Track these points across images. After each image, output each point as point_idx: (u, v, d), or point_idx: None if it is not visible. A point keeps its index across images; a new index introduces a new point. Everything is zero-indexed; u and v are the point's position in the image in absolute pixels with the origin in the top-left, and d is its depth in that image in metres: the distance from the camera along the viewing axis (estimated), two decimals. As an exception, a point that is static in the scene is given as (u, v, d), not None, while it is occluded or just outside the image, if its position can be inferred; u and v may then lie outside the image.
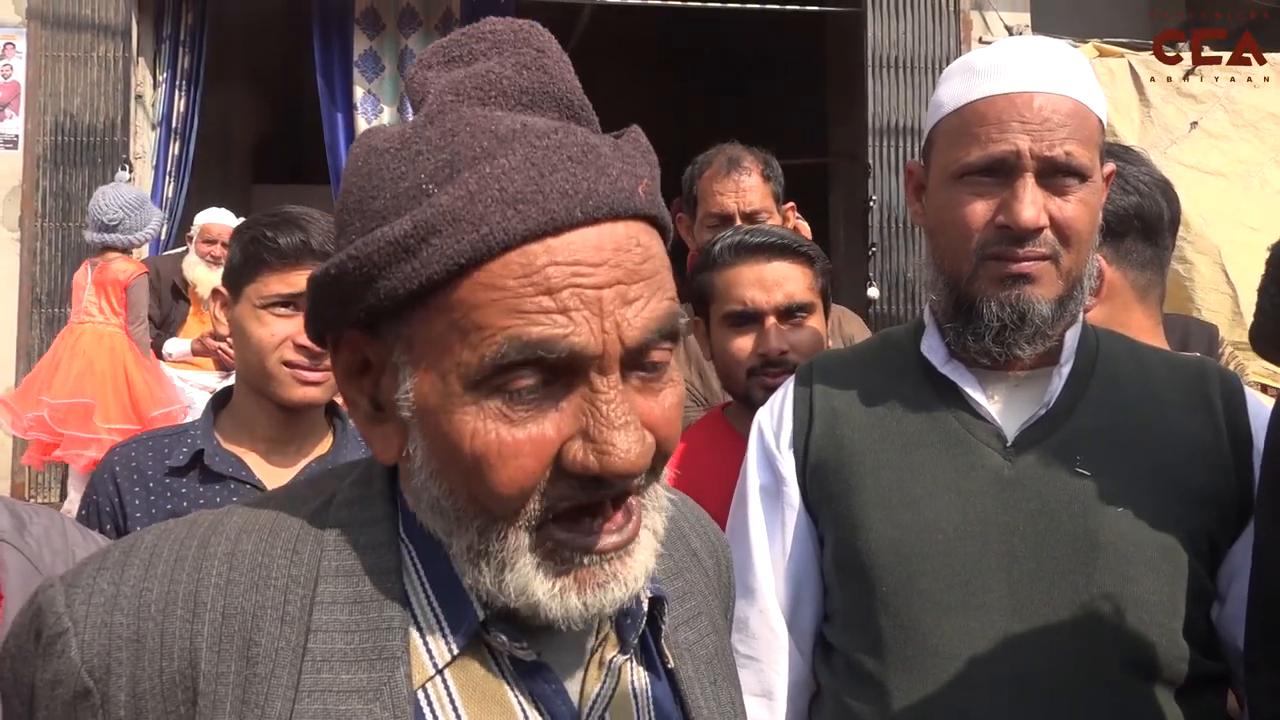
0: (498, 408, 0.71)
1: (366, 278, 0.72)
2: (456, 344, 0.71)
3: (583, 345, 0.70)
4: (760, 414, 1.53)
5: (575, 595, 0.74)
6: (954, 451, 1.36)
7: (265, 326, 1.72)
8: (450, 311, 0.71)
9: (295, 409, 1.75)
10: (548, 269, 0.70)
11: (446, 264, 0.70)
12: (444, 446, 0.73)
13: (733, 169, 2.60)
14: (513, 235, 0.69)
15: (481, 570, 0.74)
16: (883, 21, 6.75)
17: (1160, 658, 1.27)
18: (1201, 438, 1.35)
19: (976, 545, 1.31)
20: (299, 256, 1.70)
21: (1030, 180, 1.30)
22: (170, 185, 6.56)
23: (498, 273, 0.70)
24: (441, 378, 0.72)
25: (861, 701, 1.33)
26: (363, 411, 0.79)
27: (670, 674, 0.88)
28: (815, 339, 1.92)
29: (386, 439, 0.78)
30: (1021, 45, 1.37)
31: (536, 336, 0.69)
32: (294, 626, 0.74)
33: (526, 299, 0.69)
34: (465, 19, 6.69)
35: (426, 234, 0.70)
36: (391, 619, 0.76)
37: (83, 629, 0.74)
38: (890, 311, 6.49)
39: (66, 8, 6.25)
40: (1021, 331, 1.33)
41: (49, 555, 1.33)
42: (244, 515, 0.81)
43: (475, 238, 0.69)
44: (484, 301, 0.70)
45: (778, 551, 1.45)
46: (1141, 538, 1.29)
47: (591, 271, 0.71)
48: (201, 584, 0.75)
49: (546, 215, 0.70)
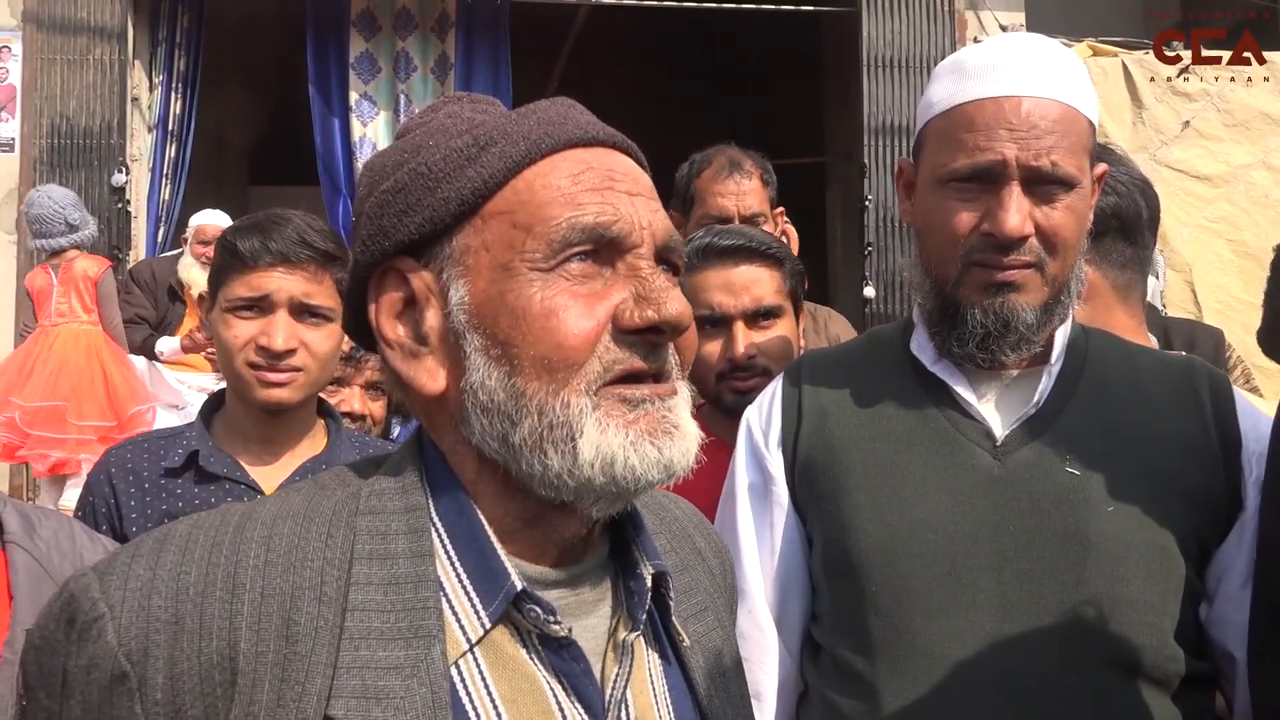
0: (561, 280, 0.80)
1: (429, 187, 0.83)
2: (519, 237, 0.80)
3: (629, 228, 0.82)
4: (749, 412, 1.53)
5: (650, 442, 0.79)
6: (944, 450, 1.36)
7: (231, 329, 1.74)
8: (510, 212, 0.81)
9: (272, 410, 1.75)
10: (587, 172, 0.82)
11: (506, 162, 0.82)
12: (508, 322, 0.79)
13: (734, 171, 2.59)
14: (557, 140, 0.83)
15: (549, 454, 0.78)
16: (878, 21, 6.76)
17: (1150, 658, 1.27)
18: (1191, 437, 1.35)
19: (966, 545, 1.31)
20: (256, 259, 1.72)
21: (1016, 189, 1.30)
22: (167, 188, 6.56)
23: (549, 173, 0.82)
24: (504, 268, 0.80)
25: (850, 701, 1.33)
26: (405, 349, 0.84)
27: (680, 659, 0.90)
28: (784, 342, 1.90)
29: (431, 370, 0.83)
30: (1012, 45, 1.36)
31: (593, 220, 0.80)
32: (331, 606, 0.76)
33: (579, 193, 0.81)
34: (460, 21, 6.69)
35: (485, 144, 0.83)
36: (426, 599, 0.78)
37: (119, 613, 0.75)
38: (885, 311, 6.51)
39: (62, 10, 6.25)
40: (1006, 339, 1.33)
41: (57, 557, 1.34)
42: (277, 504, 0.83)
43: (526, 144, 0.83)
44: (543, 198, 0.81)
45: (766, 551, 1.45)
46: (1132, 537, 1.29)
47: (622, 178, 0.84)
48: (240, 565, 0.77)
49: (580, 130, 0.84)
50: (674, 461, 0.80)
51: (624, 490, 0.79)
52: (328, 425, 1.87)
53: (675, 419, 0.81)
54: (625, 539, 0.89)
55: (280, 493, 0.87)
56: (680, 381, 0.84)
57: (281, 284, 1.72)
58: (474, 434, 0.82)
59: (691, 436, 0.82)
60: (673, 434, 0.80)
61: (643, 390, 0.80)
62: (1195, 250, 5.98)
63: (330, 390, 2.22)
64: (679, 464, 0.81)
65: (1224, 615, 1.32)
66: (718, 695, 0.91)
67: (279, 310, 1.72)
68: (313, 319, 1.75)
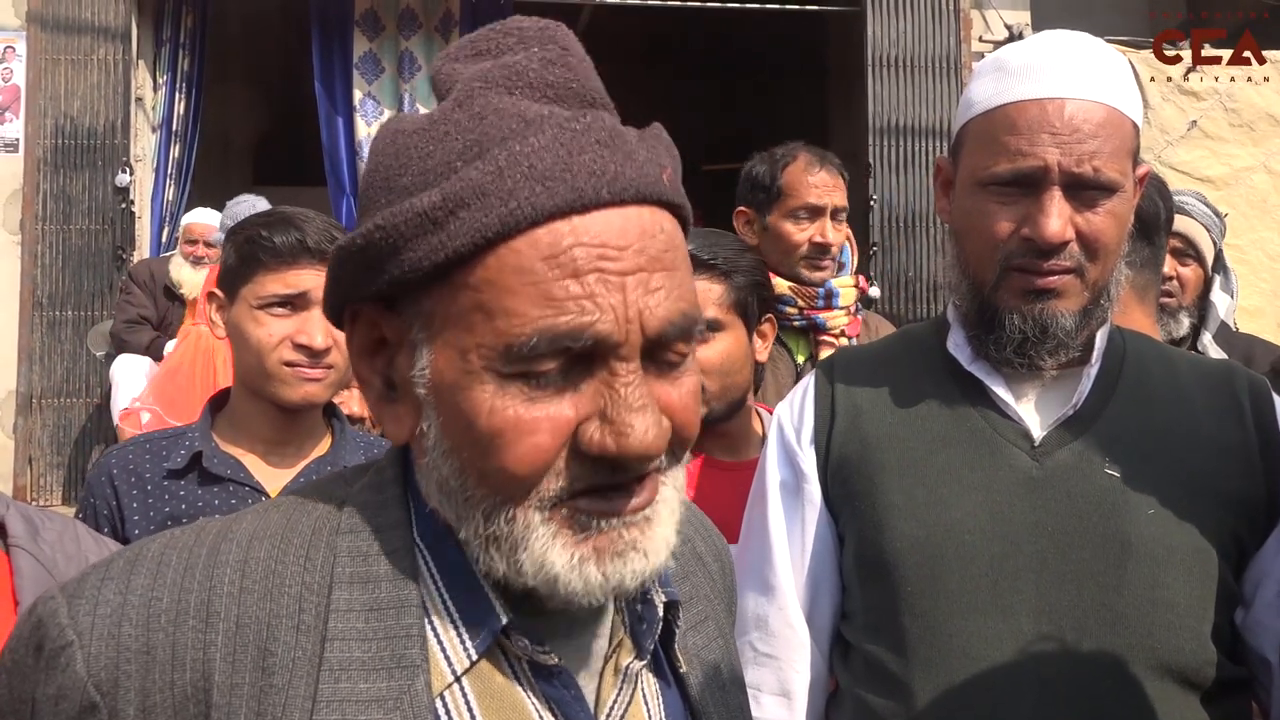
0: (518, 388, 0.70)
1: (392, 248, 0.72)
2: (480, 324, 0.70)
3: (607, 333, 0.70)
4: (780, 410, 1.51)
5: (595, 565, 0.72)
6: (981, 451, 1.34)
7: (263, 327, 1.71)
8: (476, 291, 0.70)
9: (294, 409, 1.74)
10: (574, 250, 0.70)
11: (474, 237, 0.70)
12: (459, 423, 0.72)
13: (824, 164, 2.67)
14: (540, 210, 0.70)
15: (494, 556, 0.73)
16: (883, 20, 6.74)
17: (1188, 661, 1.26)
18: (1230, 441, 1.34)
19: (1005, 546, 1.29)
20: (295, 255, 1.70)
21: (1057, 194, 1.28)
22: (171, 188, 6.55)
23: (525, 252, 0.70)
24: (461, 355, 0.71)
25: (884, 700, 1.32)
26: (376, 390, 0.78)
27: (680, 680, 0.86)
28: (724, 358, 1.86)
29: (399, 419, 0.77)
30: (1055, 44, 1.34)
31: (565, 327, 0.69)
32: (310, 635, 0.73)
33: (554, 284, 0.69)
34: (464, 20, 6.69)
35: (455, 207, 0.70)
36: (409, 626, 0.74)
37: (88, 641, 0.72)
38: (891, 311, 6.47)
39: (66, 11, 6.24)
40: (1044, 344, 1.32)
41: (63, 560, 1.33)
42: (254, 521, 0.79)
43: (503, 211, 0.69)
44: (513, 285, 0.69)
45: (797, 548, 1.44)
46: (1172, 540, 1.27)
47: (617, 255, 0.71)
48: (214, 592, 0.73)
49: (574, 192, 0.70)
50: (624, 582, 0.73)
51: (572, 600, 0.73)
52: (333, 426, 1.85)
53: (633, 537, 0.73)
54: None
55: (260, 508, 0.82)
56: (665, 480, 0.76)
57: (318, 281, 1.70)
58: (431, 494, 0.77)
59: (655, 551, 0.74)
60: (626, 555, 0.73)
61: (599, 506, 0.72)
62: (1197, 248, 5.94)
63: (331, 391, 2.21)
64: (630, 584, 0.73)
65: (1261, 620, 1.30)
66: (717, 713, 0.88)
67: (314, 307, 1.70)
68: None
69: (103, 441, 5.89)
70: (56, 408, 6.09)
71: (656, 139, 0.77)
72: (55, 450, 6.08)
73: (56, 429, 6.08)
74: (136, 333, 5.62)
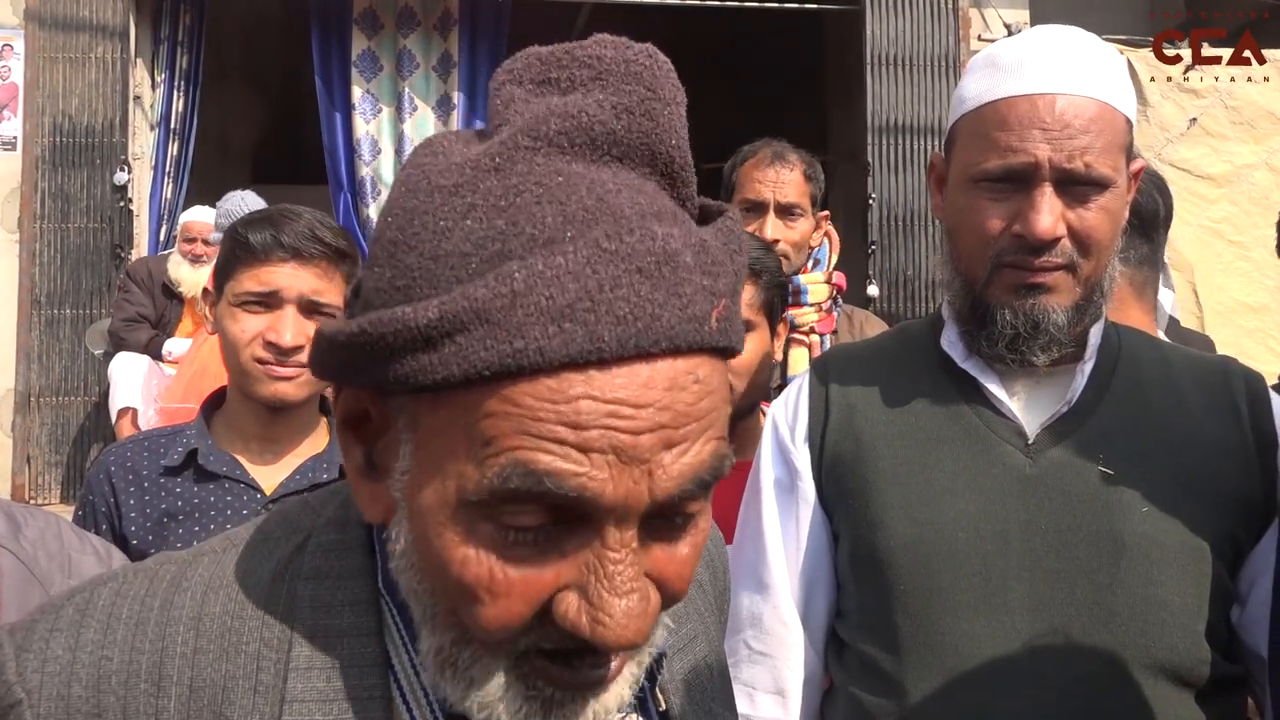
0: (493, 537, 0.62)
1: (377, 357, 0.62)
2: (462, 450, 0.61)
3: (597, 494, 0.60)
4: (774, 407, 1.51)
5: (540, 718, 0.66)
6: (975, 448, 1.34)
7: (238, 324, 1.72)
8: (464, 412, 0.61)
9: (276, 407, 1.74)
10: (580, 401, 0.59)
11: (466, 370, 0.60)
12: (431, 558, 0.64)
13: (776, 160, 2.65)
14: (549, 359, 0.59)
15: (445, 677, 0.67)
16: (881, 19, 6.73)
17: (1182, 660, 1.25)
18: (1226, 438, 1.33)
19: (998, 544, 1.29)
20: (269, 252, 1.70)
21: (1048, 190, 1.28)
22: (169, 186, 6.55)
23: (524, 390, 0.59)
24: (441, 480, 0.63)
25: (877, 699, 1.32)
26: (355, 464, 0.70)
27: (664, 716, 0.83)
28: (750, 358, 1.85)
29: (376, 499, 0.69)
30: (1047, 39, 1.33)
31: (544, 466, 0.59)
32: (267, 697, 0.69)
33: (547, 425, 0.59)
34: (463, 18, 6.68)
35: (453, 329, 0.60)
36: (373, 687, 0.70)
37: (37, 700, 0.69)
38: (890, 310, 6.47)
39: (64, 9, 6.24)
40: (1036, 339, 1.31)
41: (44, 559, 1.31)
42: (209, 567, 0.74)
43: (506, 350, 0.59)
44: (497, 411, 0.60)
45: (791, 547, 1.44)
46: (1167, 538, 1.27)
47: (633, 415, 0.60)
48: (166, 654, 0.70)
49: (594, 343, 0.59)
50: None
51: None
52: (330, 424, 1.85)
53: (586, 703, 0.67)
54: None
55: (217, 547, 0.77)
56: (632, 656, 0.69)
57: (292, 280, 1.71)
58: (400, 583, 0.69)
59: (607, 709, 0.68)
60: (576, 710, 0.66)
61: (561, 676, 0.66)
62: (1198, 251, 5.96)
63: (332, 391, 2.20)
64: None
65: (1256, 619, 1.30)
66: None
67: (288, 306, 1.71)
68: (321, 316, 1.73)
69: (101, 440, 5.89)
70: (55, 406, 6.09)
71: (724, 246, 0.66)
72: (54, 449, 6.08)
73: (55, 427, 6.08)
74: (135, 331, 5.62)
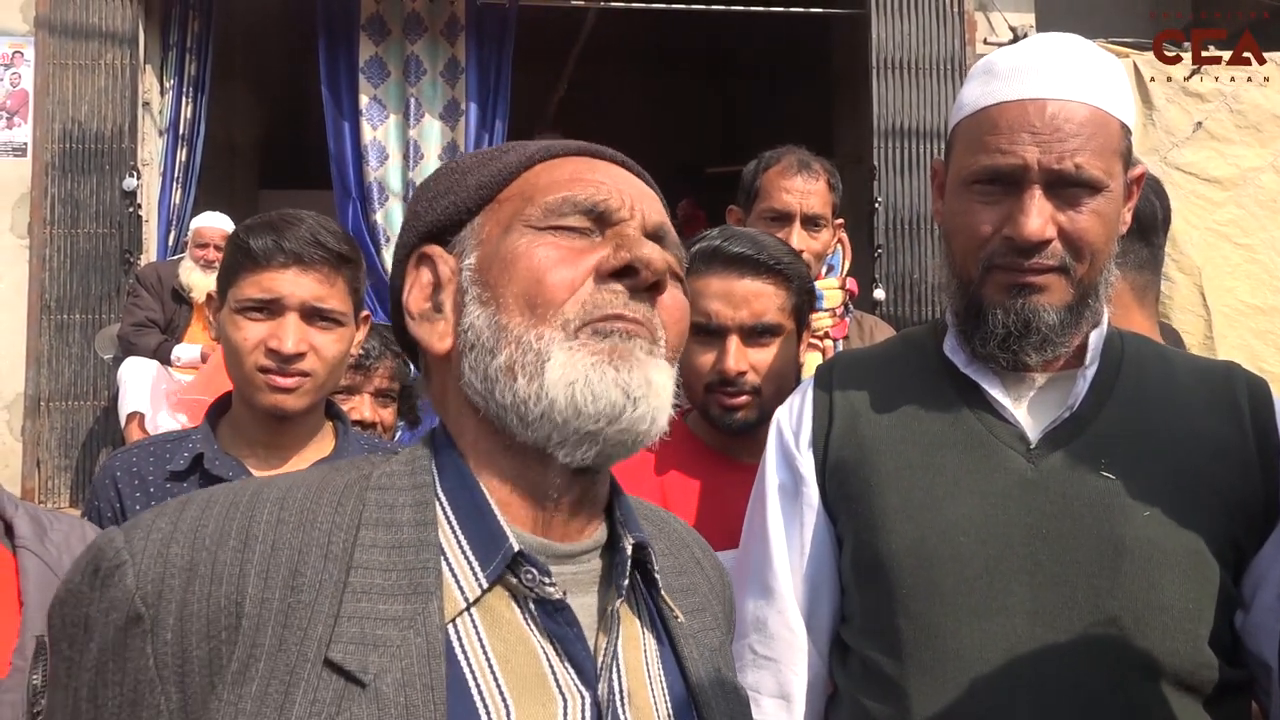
0: (551, 237, 0.89)
1: (459, 177, 0.96)
2: (522, 207, 0.91)
3: (619, 204, 0.91)
4: (779, 413, 1.52)
5: (609, 363, 0.85)
6: (977, 453, 1.34)
7: (240, 331, 1.71)
8: (519, 194, 0.93)
9: (278, 415, 1.73)
10: (593, 173, 0.93)
11: (521, 158, 0.94)
12: (499, 267, 0.89)
13: (803, 169, 2.63)
14: (569, 148, 0.96)
15: (518, 379, 0.85)
16: (887, 23, 6.73)
17: (1184, 664, 1.25)
18: (1228, 442, 1.33)
19: (999, 548, 1.29)
20: (270, 258, 1.69)
21: (1037, 193, 1.29)
22: (177, 192, 6.57)
23: (556, 165, 0.94)
24: (505, 229, 0.91)
25: (880, 704, 1.32)
26: (423, 315, 0.94)
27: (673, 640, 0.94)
28: (780, 362, 1.83)
29: (441, 332, 0.92)
30: (1044, 46, 1.35)
31: (586, 196, 0.91)
32: (336, 562, 0.81)
33: (579, 179, 0.92)
34: (470, 25, 6.70)
35: (508, 150, 0.96)
36: (426, 560, 0.83)
37: (139, 560, 0.80)
38: (896, 314, 6.47)
39: (74, 16, 6.27)
40: (1028, 339, 1.32)
41: (69, 561, 1.33)
42: (292, 477, 0.89)
43: (541, 147, 0.95)
44: (547, 180, 0.92)
45: (796, 552, 1.44)
46: (1168, 543, 1.27)
47: (623, 179, 0.94)
48: (254, 520, 0.82)
49: (593, 148, 0.97)
50: (631, 385, 0.85)
51: (584, 416, 0.84)
52: (336, 427, 1.85)
53: (642, 354, 0.87)
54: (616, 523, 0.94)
55: (295, 472, 0.92)
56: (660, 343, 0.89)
57: (294, 288, 1.69)
58: (463, 378, 0.89)
59: (659, 388, 0.87)
60: (632, 363, 0.86)
61: (615, 325, 0.87)
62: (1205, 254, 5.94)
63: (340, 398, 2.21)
64: (637, 389, 0.85)
65: (1260, 623, 1.30)
66: (709, 679, 0.94)
67: (290, 313, 1.70)
68: (323, 322, 1.72)
69: (110, 444, 5.91)
70: (64, 410, 6.11)
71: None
72: (63, 453, 6.10)
73: (64, 432, 6.10)
74: (144, 336, 5.64)
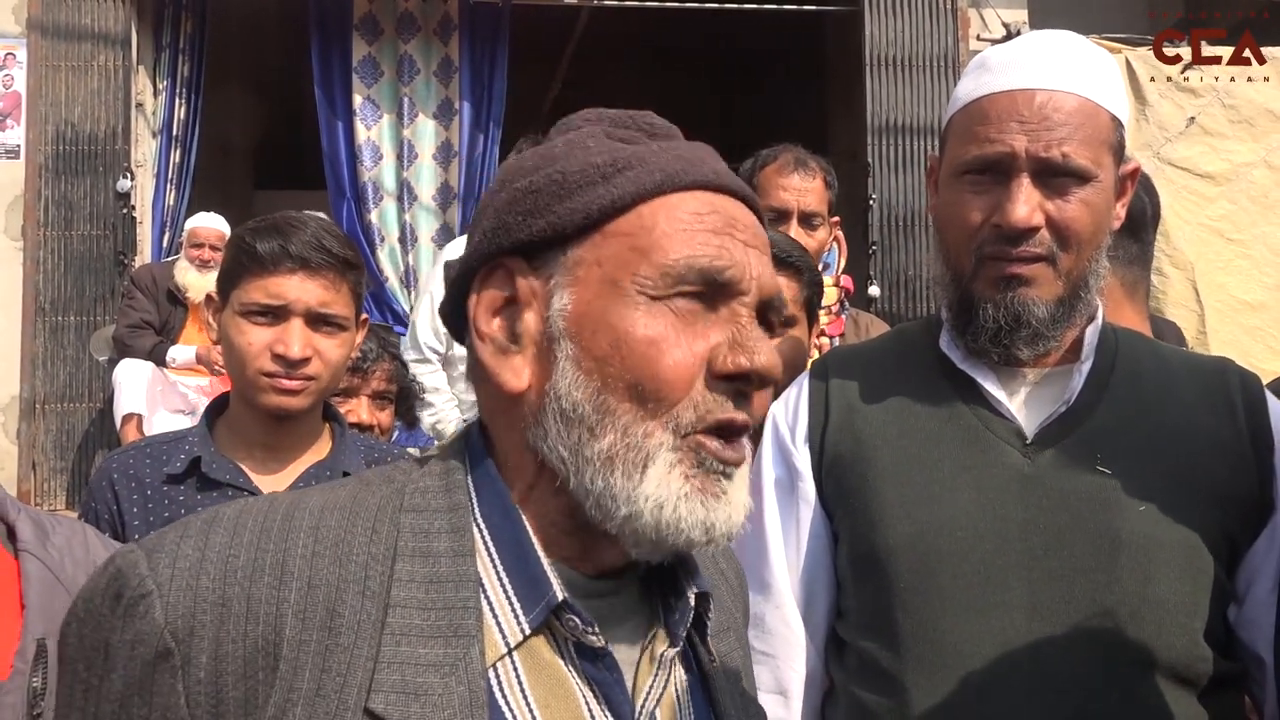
0: (667, 310, 0.81)
1: (561, 194, 0.83)
2: (635, 260, 0.82)
3: (740, 275, 0.83)
4: (775, 408, 1.52)
5: (700, 501, 0.80)
6: (973, 448, 1.35)
7: (244, 335, 1.70)
8: (630, 235, 0.82)
9: (280, 416, 1.73)
10: (712, 215, 0.84)
11: (638, 189, 0.83)
12: (607, 340, 0.81)
13: (799, 168, 2.66)
14: (689, 179, 0.84)
15: (615, 473, 0.79)
16: (881, 20, 6.74)
17: (1180, 658, 1.26)
18: (1222, 437, 1.34)
19: (996, 543, 1.30)
20: (277, 262, 1.68)
21: (1025, 180, 1.29)
22: (171, 193, 6.56)
23: (675, 206, 0.83)
24: (613, 285, 0.82)
25: (877, 698, 1.33)
26: (497, 345, 0.85)
27: (705, 676, 0.92)
28: (795, 352, 1.87)
29: (517, 369, 0.84)
30: (1036, 41, 1.36)
31: (708, 263, 0.82)
32: (374, 600, 0.77)
33: (700, 233, 0.83)
34: (463, 24, 6.69)
35: (622, 167, 0.84)
36: (466, 599, 0.79)
37: (167, 590, 0.76)
38: (891, 310, 6.48)
39: (66, 18, 6.25)
40: (1018, 333, 1.33)
41: (70, 565, 1.33)
42: (323, 495, 0.84)
43: (661, 175, 0.84)
44: (665, 229, 0.82)
45: (792, 547, 1.45)
46: (1164, 537, 1.28)
47: (743, 228, 0.85)
48: (289, 553, 0.78)
49: (713, 174, 0.86)
50: (715, 525, 0.81)
51: (663, 538, 0.80)
52: (333, 430, 1.85)
53: (729, 487, 0.82)
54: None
55: (326, 486, 0.88)
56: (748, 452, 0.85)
57: (300, 293, 1.69)
58: (544, 438, 0.82)
59: (739, 506, 0.83)
60: (720, 499, 0.81)
61: (717, 448, 0.81)
62: (1197, 249, 5.95)
63: (338, 400, 2.21)
64: (720, 529, 0.81)
65: (1254, 617, 1.31)
66: (737, 713, 0.92)
67: (295, 318, 1.69)
68: (328, 327, 1.72)
69: (106, 446, 5.90)
70: (60, 413, 6.11)
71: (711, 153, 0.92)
72: (59, 455, 6.09)
73: (60, 434, 6.10)
74: (139, 337, 5.63)
